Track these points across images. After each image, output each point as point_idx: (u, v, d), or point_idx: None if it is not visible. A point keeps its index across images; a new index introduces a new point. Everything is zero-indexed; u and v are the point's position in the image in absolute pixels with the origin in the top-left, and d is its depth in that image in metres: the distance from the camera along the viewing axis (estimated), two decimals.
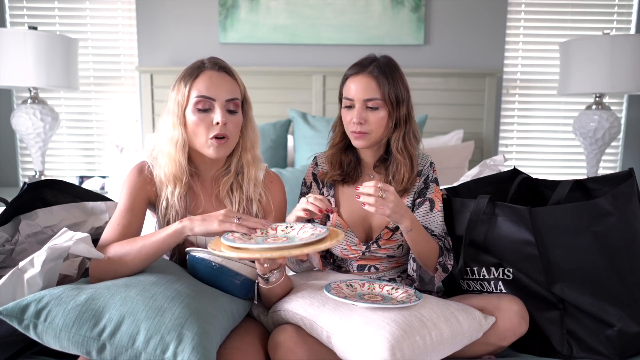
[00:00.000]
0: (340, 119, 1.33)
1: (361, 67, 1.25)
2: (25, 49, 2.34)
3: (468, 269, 1.30)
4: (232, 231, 1.05)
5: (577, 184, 1.31)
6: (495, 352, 1.18)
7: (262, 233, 1.08)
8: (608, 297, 1.14)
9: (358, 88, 1.24)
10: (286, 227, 1.11)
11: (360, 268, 1.37)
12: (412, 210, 1.31)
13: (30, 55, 2.34)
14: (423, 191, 1.32)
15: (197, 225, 1.05)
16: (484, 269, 1.27)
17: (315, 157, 1.41)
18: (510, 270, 1.23)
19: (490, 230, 1.25)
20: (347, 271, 1.37)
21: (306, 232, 1.07)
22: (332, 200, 1.34)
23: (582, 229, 1.15)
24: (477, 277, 1.28)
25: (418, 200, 1.32)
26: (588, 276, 1.15)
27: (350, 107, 1.26)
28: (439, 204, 1.30)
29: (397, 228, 1.30)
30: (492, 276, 1.26)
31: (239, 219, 1.04)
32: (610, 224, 1.13)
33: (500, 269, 1.25)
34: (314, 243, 0.99)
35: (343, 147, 1.35)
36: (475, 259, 1.29)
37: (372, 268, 1.37)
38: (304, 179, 1.39)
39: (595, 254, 1.14)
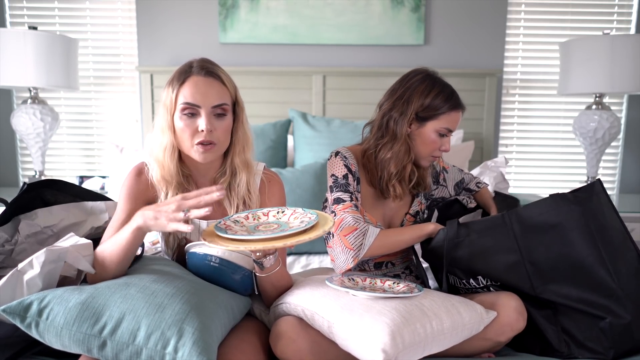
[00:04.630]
0: (408, 135, 1.35)
1: (460, 104, 1.37)
2: (25, 49, 2.34)
3: (457, 279, 1.31)
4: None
5: None
6: (493, 348, 1.18)
7: (253, 219, 1.09)
8: (592, 289, 1.14)
9: (457, 122, 1.38)
10: (277, 212, 1.10)
11: (378, 266, 1.40)
12: (431, 194, 1.53)
13: (30, 55, 2.34)
14: (435, 178, 1.53)
15: (152, 224, 1.01)
16: (471, 279, 1.27)
17: (338, 152, 1.36)
18: (498, 283, 1.24)
19: (469, 251, 1.24)
20: (364, 270, 1.38)
21: (297, 217, 1.06)
22: (359, 195, 1.35)
23: (554, 224, 1.16)
24: (469, 286, 1.29)
25: (435, 189, 1.52)
26: (569, 271, 1.16)
27: (445, 135, 1.36)
28: (444, 165, 1.55)
29: (417, 213, 1.45)
30: (481, 285, 1.26)
31: (186, 212, 0.98)
32: (575, 215, 1.15)
33: (487, 278, 1.25)
34: (309, 230, 0.98)
35: (408, 158, 1.36)
36: (462, 277, 1.29)
37: (389, 264, 1.40)
38: (333, 174, 1.34)
39: (569, 247, 1.15)
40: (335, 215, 1.29)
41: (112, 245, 1.06)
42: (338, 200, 1.30)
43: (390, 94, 1.38)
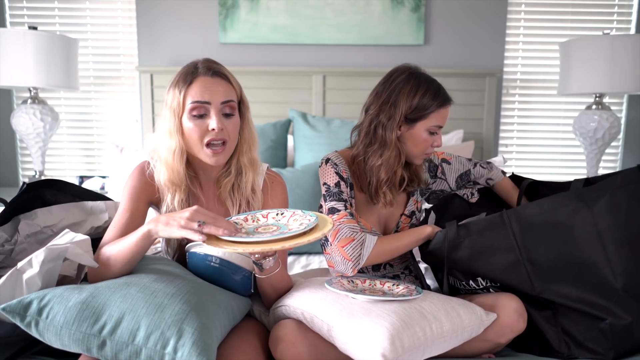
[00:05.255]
0: (398, 139, 1.33)
1: (448, 98, 1.33)
2: (25, 49, 2.34)
3: (457, 280, 1.30)
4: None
5: (587, 182, 1.31)
6: (493, 349, 1.18)
7: (253, 221, 1.08)
8: (593, 289, 1.14)
9: (446, 118, 1.34)
10: (277, 214, 1.10)
11: (376, 267, 1.39)
12: (429, 189, 1.48)
13: (30, 55, 2.34)
14: (433, 171, 1.48)
15: (161, 229, 1.00)
16: (471, 281, 1.27)
17: (328, 159, 1.35)
18: (497, 284, 1.24)
19: (469, 252, 1.23)
20: (362, 271, 1.38)
21: (296, 219, 1.06)
22: (353, 201, 1.34)
23: (556, 223, 1.15)
24: (468, 287, 1.29)
25: (433, 183, 1.47)
26: (570, 271, 1.15)
27: (436, 133, 1.33)
28: (445, 156, 1.50)
29: (412, 213, 1.42)
30: (480, 286, 1.26)
31: (201, 223, 0.97)
32: (581, 214, 1.14)
33: (487, 279, 1.25)
34: (308, 232, 0.98)
35: (398, 164, 1.34)
36: (461, 279, 1.29)
37: (388, 266, 1.40)
38: (325, 183, 1.33)
39: (571, 246, 1.14)
40: None
41: (119, 246, 1.05)
42: (332, 210, 1.29)
43: (375, 97, 1.34)
